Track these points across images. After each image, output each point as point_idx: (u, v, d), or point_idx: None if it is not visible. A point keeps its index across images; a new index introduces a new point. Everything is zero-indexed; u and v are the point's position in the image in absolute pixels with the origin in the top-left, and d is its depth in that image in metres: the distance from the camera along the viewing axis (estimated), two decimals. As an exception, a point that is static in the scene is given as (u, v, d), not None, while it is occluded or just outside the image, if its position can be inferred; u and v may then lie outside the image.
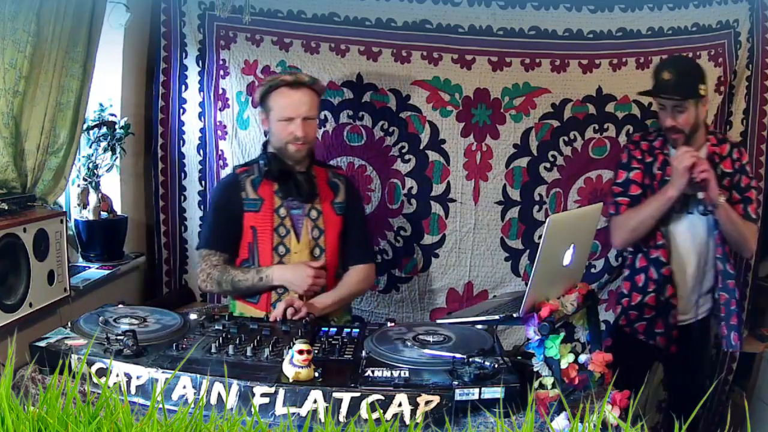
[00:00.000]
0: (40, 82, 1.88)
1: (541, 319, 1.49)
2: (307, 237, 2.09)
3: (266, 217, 2.08)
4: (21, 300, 1.76)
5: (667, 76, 2.11)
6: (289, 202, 2.09)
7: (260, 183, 2.09)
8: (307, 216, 2.10)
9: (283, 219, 2.08)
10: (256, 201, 2.08)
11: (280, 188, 2.08)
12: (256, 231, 2.08)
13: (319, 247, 2.11)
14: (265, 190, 2.09)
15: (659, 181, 2.24)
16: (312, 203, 2.10)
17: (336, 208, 2.14)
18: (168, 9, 2.64)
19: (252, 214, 2.08)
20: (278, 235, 2.08)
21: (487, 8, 2.59)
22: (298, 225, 2.10)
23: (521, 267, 2.74)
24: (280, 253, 2.08)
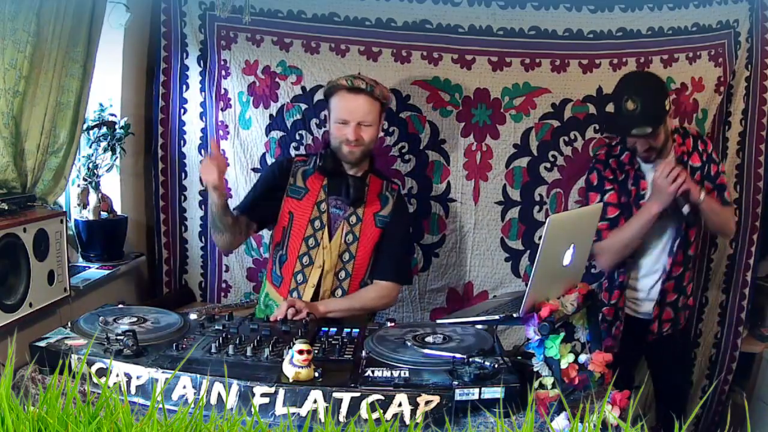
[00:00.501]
0: (40, 82, 1.88)
1: (541, 319, 1.49)
2: (339, 239, 2.10)
3: (306, 207, 2.10)
4: (21, 300, 1.76)
5: (631, 106, 2.02)
6: (332, 199, 2.11)
7: (311, 174, 2.12)
8: (346, 220, 2.10)
9: (321, 213, 2.10)
10: (301, 189, 2.12)
11: (329, 184, 2.11)
12: (293, 217, 2.11)
13: (349, 253, 2.11)
14: (313, 182, 2.12)
15: (634, 197, 2.22)
16: (354, 209, 2.11)
17: (377, 219, 2.13)
18: (168, 9, 2.64)
19: (293, 201, 2.11)
20: (312, 226, 2.10)
21: (487, 8, 2.59)
22: (335, 224, 2.11)
23: (521, 267, 2.74)
24: (309, 245, 2.10)
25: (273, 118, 2.66)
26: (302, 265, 2.10)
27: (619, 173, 2.26)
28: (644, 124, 2.02)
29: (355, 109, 2.02)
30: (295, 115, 2.65)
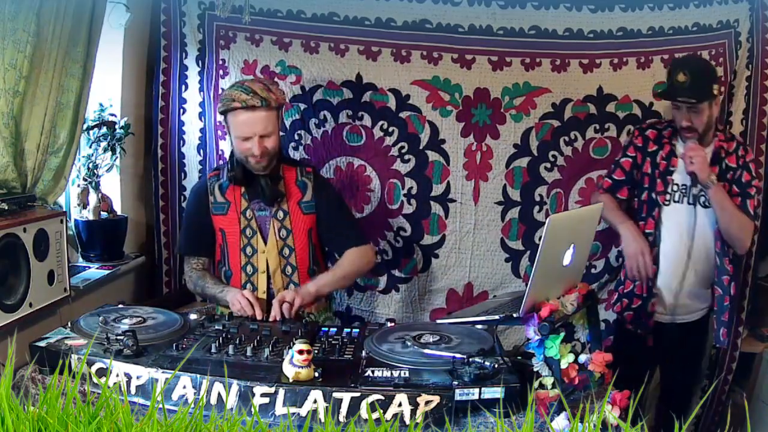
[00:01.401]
0: (40, 82, 1.88)
1: (541, 319, 1.49)
2: (274, 238, 2.12)
3: (233, 220, 2.12)
4: (21, 300, 1.76)
5: (682, 78, 2.15)
6: (254, 203, 2.13)
7: (227, 187, 2.13)
8: (274, 217, 2.13)
9: (249, 221, 2.12)
10: (223, 204, 2.13)
11: (246, 191, 2.12)
12: (225, 233, 2.14)
13: (288, 247, 2.14)
14: (232, 193, 2.13)
15: (663, 170, 2.30)
16: (278, 204, 2.12)
17: (303, 207, 2.15)
18: (168, 9, 2.64)
19: (220, 217, 2.14)
20: (245, 236, 2.12)
21: (487, 8, 2.58)
22: (265, 226, 2.13)
23: (521, 268, 2.74)
24: (247, 254, 2.13)
25: (273, 118, 2.65)
26: (247, 275, 2.14)
27: (653, 144, 2.34)
28: (690, 95, 2.15)
29: (254, 124, 2.00)
30: (294, 115, 2.65)
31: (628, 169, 2.38)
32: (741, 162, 2.25)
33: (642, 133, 2.37)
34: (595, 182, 2.67)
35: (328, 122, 2.66)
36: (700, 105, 2.15)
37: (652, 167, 2.32)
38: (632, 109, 2.63)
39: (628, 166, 2.38)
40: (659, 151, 2.32)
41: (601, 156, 2.66)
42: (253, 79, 2.12)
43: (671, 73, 2.22)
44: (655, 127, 2.38)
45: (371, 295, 2.78)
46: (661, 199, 2.30)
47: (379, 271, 2.75)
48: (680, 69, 2.17)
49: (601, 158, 2.66)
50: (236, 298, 2.00)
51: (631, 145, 2.38)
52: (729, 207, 2.18)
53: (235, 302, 2.00)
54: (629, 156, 2.38)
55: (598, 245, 2.69)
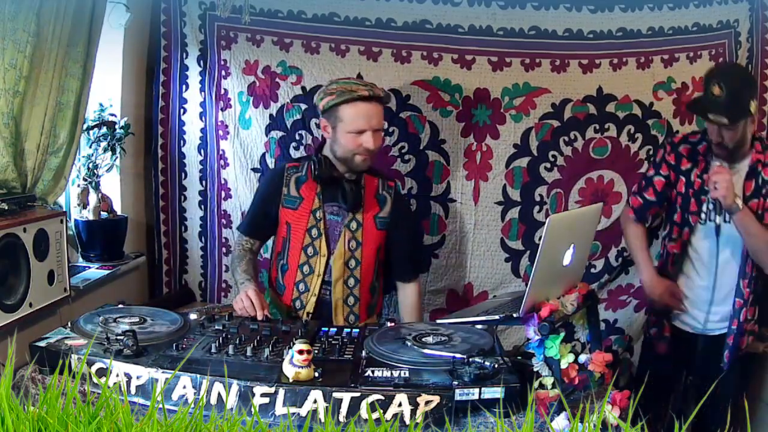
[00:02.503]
0: (40, 82, 1.88)
1: (541, 319, 1.49)
2: (343, 247, 2.08)
3: (302, 216, 2.08)
4: (21, 300, 1.76)
5: (717, 92, 2.00)
6: (328, 206, 2.09)
7: (304, 182, 2.10)
8: (347, 227, 2.09)
9: (318, 221, 2.08)
10: (295, 199, 2.10)
11: (323, 191, 2.08)
12: (290, 227, 2.10)
13: (355, 259, 2.10)
14: (306, 190, 2.09)
15: (698, 189, 2.19)
16: (353, 214, 2.08)
17: (378, 222, 2.11)
18: (168, 9, 2.64)
19: (289, 211, 2.10)
20: (309, 235, 2.08)
21: (487, 8, 2.58)
22: (334, 232, 2.09)
23: (521, 268, 2.74)
24: (308, 254, 2.09)
25: (273, 118, 2.66)
26: (303, 274, 2.11)
27: (687, 161, 2.22)
28: (723, 113, 2.00)
29: (372, 116, 1.99)
30: (295, 115, 2.65)
31: (660, 190, 2.28)
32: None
33: (675, 149, 2.25)
34: (595, 182, 2.68)
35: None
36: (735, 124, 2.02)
37: (686, 186, 2.22)
38: (632, 109, 2.63)
39: (660, 186, 2.27)
40: (694, 169, 2.20)
41: (601, 156, 2.67)
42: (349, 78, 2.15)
43: (707, 83, 2.06)
44: (688, 141, 2.25)
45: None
46: (693, 219, 2.21)
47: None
48: (716, 81, 2.01)
49: (601, 158, 2.67)
50: (240, 296, 1.98)
51: (664, 162, 2.26)
52: (756, 230, 2.06)
53: (238, 301, 1.99)
54: (662, 175, 2.27)
55: (598, 245, 2.69)
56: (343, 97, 1.99)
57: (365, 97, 1.98)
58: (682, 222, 2.25)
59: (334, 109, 2.01)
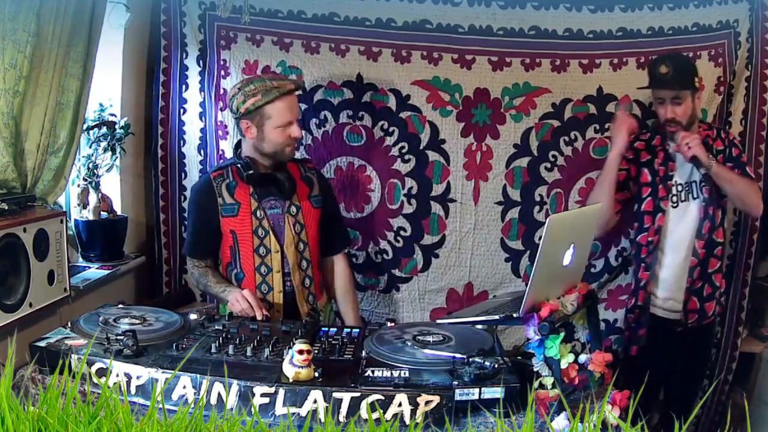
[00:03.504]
0: (40, 82, 1.88)
1: (541, 319, 1.49)
2: (290, 234, 2.12)
3: (245, 221, 2.10)
4: (21, 300, 1.76)
5: (665, 70, 2.24)
6: (265, 202, 2.11)
7: (236, 187, 2.10)
8: (288, 213, 2.13)
9: (261, 221, 2.10)
10: (233, 206, 2.10)
11: (258, 190, 2.10)
12: (236, 235, 2.11)
13: (303, 242, 2.15)
14: (240, 194, 2.10)
15: (662, 176, 2.35)
16: (290, 200, 2.13)
17: (313, 201, 2.19)
18: (168, 9, 2.64)
19: (230, 219, 2.10)
20: (257, 236, 2.10)
21: (487, 8, 2.58)
22: (279, 224, 2.12)
23: (521, 268, 2.74)
24: (261, 254, 2.11)
25: (273, 118, 2.66)
26: (261, 275, 2.12)
27: (645, 154, 2.41)
28: (673, 84, 2.24)
29: (294, 107, 2.07)
30: (295, 115, 2.65)
31: (623, 180, 2.42)
32: (727, 142, 2.35)
33: (630, 145, 2.41)
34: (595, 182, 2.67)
35: (328, 122, 2.66)
36: (683, 94, 2.23)
37: (652, 175, 2.39)
38: (632, 109, 2.63)
39: (622, 177, 2.42)
40: (654, 159, 2.39)
41: (601, 156, 2.66)
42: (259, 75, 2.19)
43: (653, 67, 2.28)
44: (640, 139, 2.44)
45: (371, 295, 2.78)
46: (665, 203, 2.35)
47: (380, 271, 2.75)
48: (662, 62, 2.25)
49: (601, 158, 2.65)
50: (236, 298, 2.00)
51: (623, 159, 2.40)
52: (733, 177, 2.24)
53: (235, 303, 2.00)
54: (623, 169, 2.41)
55: (598, 245, 2.69)
56: (269, 96, 2.01)
57: (289, 90, 2.04)
58: (654, 209, 2.37)
59: (260, 109, 2.02)
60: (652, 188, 2.38)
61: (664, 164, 2.37)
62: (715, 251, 2.35)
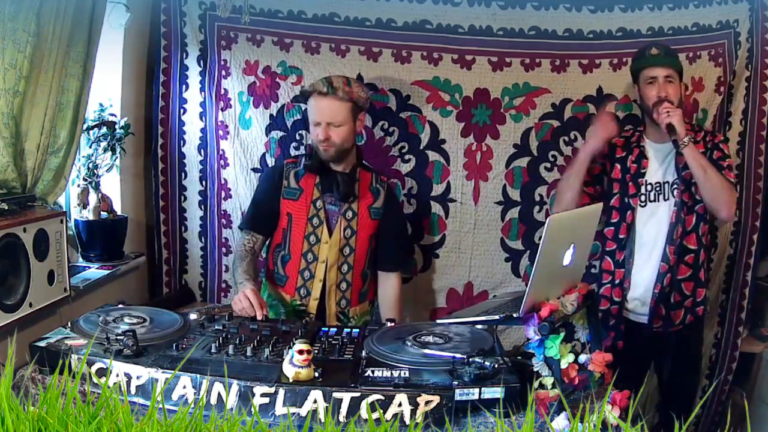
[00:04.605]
0: (40, 82, 1.88)
1: (541, 319, 1.49)
2: (338, 235, 2.19)
3: (302, 206, 2.18)
4: (21, 300, 1.76)
5: (655, 51, 2.25)
6: (326, 196, 2.19)
7: (303, 175, 2.20)
8: (343, 215, 2.20)
9: (318, 211, 2.19)
10: (295, 190, 2.20)
11: (321, 182, 2.19)
12: (291, 218, 2.19)
13: (350, 247, 2.21)
14: (306, 182, 2.20)
15: (634, 173, 2.32)
16: (349, 203, 2.20)
17: (372, 212, 2.23)
18: (168, 9, 2.64)
19: (290, 202, 2.20)
20: (311, 224, 2.18)
21: (487, 8, 2.58)
22: (332, 221, 2.19)
23: (521, 268, 2.74)
24: (311, 242, 2.19)
25: (273, 118, 2.66)
26: (307, 262, 2.19)
27: (620, 150, 2.37)
28: (665, 63, 2.24)
29: (324, 110, 2.11)
30: (295, 115, 2.65)
31: (597, 173, 2.40)
32: (710, 144, 2.28)
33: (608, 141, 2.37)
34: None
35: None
36: (674, 75, 2.23)
37: (623, 172, 2.34)
38: (632, 110, 2.63)
39: (597, 171, 2.40)
40: (628, 156, 2.35)
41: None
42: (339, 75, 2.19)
43: (642, 51, 2.28)
44: (621, 135, 2.40)
45: (371, 295, 2.78)
46: (634, 201, 2.31)
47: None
48: (651, 46, 2.27)
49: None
50: (239, 297, 2.00)
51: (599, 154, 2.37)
52: (706, 164, 2.15)
53: (236, 301, 2.01)
54: (598, 163, 2.39)
55: (598, 245, 2.68)
56: (308, 90, 2.16)
57: (322, 92, 2.10)
58: (621, 206, 2.34)
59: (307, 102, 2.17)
60: (621, 185, 2.34)
61: (637, 161, 2.33)
62: (686, 258, 2.27)
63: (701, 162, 2.15)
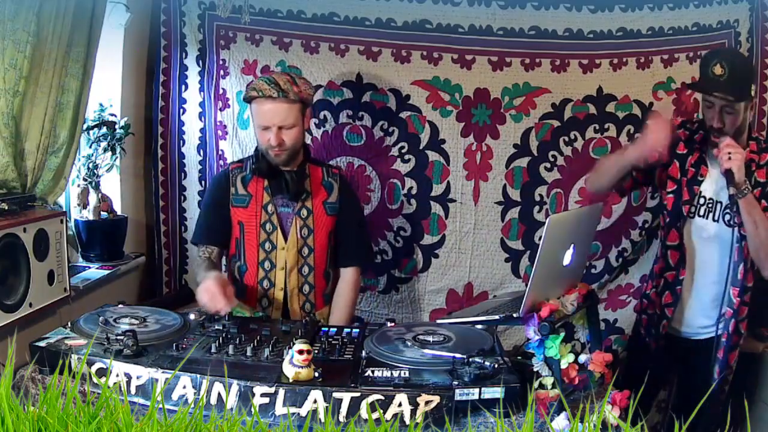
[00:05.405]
0: (40, 82, 1.88)
1: (541, 319, 1.49)
2: (295, 236, 2.10)
3: (253, 213, 2.10)
4: (21, 300, 1.76)
5: (719, 71, 1.90)
6: (277, 199, 2.11)
7: (250, 180, 2.11)
8: (297, 215, 2.11)
9: (270, 215, 2.10)
10: (244, 197, 2.11)
11: (270, 185, 2.10)
12: (243, 226, 2.11)
13: (308, 246, 2.13)
14: (254, 187, 2.11)
15: (691, 177, 2.08)
16: (303, 202, 2.11)
17: (327, 207, 2.15)
18: (168, 9, 2.64)
19: (240, 210, 2.11)
20: (264, 231, 2.10)
21: (487, 8, 2.58)
22: (286, 223, 2.11)
23: (521, 268, 2.74)
24: (266, 249, 2.11)
25: (273, 118, 2.66)
26: (265, 270, 2.11)
27: (683, 146, 2.09)
28: (728, 91, 1.90)
29: (273, 114, 1.99)
30: (295, 115, 2.65)
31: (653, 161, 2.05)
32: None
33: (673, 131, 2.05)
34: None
35: (328, 122, 2.66)
36: (736, 104, 1.91)
37: (681, 173, 2.09)
38: (632, 110, 2.63)
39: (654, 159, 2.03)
40: (688, 156, 2.08)
41: (601, 156, 2.66)
42: (280, 72, 2.09)
43: (705, 64, 1.95)
44: (686, 128, 2.12)
45: (371, 295, 2.78)
46: (686, 209, 2.08)
47: (379, 271, 2.75)
48: (718, 61, 1.91)
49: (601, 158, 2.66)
50: (202, 289, 1.86)
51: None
52: (761, 221, 1.91)
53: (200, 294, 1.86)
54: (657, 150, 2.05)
55: (598, 245, 2.69)
56: (245, 96, 2.06)
57: (271, 96, 1.98)
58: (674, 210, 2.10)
59: (250, 104, 2.06)
60: (677, 186, 2.08)
61: (695, 166, 2.06)
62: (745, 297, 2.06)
63: (755, 216, 1.90)
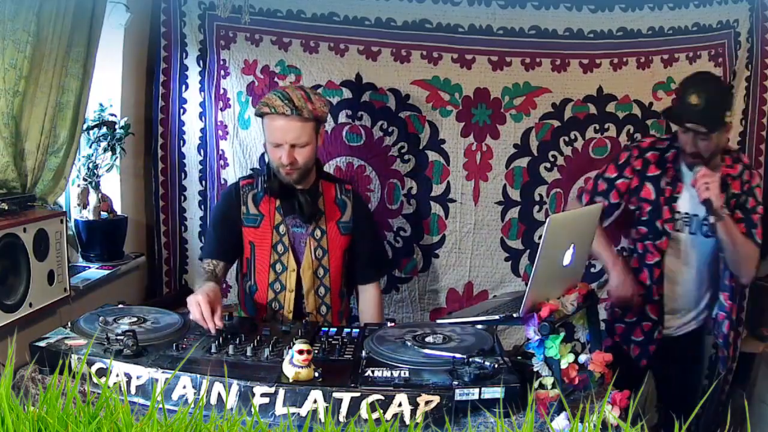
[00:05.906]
0: (40, 82, 1.88)
1: (541, 319, 1.49)
2: (310, 257, 2.05)
3: (265, 234, 2.04)
4: (21, 300, 1.76)
5: (695, 101, 1.97)
6: (290, 219, 2.05)
7: (262, 198, 2.05)
8: (311, 236, 2.06)
9: (282, 236, 2.04)
10: (255, 217, 2.05)
11: (282, 205, 2.04)
12: (254, 246, 2.06)
13: (323, 267, 2.08)
14: (266, 206, 2.05)
15: (668, 197, 2.15)
16: (316, 222, 2.05)
17: (341, 227, 2.09)
18: (168, 9, 2.64)
19: (251, 230, 2.06)
20: (276, 252, 2.05)
21: (487, 8, 2.59)
22: (299, 244, 2.06)
23: (521, 267, 2.74)
24: (277, 271, 2.06)
25: (273, 118, 2.65)
26: (274, 292, 2.07)
27: (655, 168, 2.16)
28: (702, 122, 1.97)
29: (286, 131, 1.92)
30: (295, 115, 2.65)
31: (624, 191, 2.21)
32: (746, 188, 2.12)
33: (642, 154, 2.18)
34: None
35: (327, 122, 2.66)
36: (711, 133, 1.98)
37: (657, 193, 2.16)
38: (632, 110, 2.64)
39: (624, 188, 2.20)
40: (662, 177, 2.15)
41: (600, 156, 2.67)
42: (295, 87, 2.02)
43: (683, 92, 2.03)
44: (656, 148, 2.19)
45: (371, 295, 2.78)
46: (669, 227, 2.15)
47: (379, 271, 2.75)
48: (694, 90, 1.99)
49: (601, 158, 2.66)
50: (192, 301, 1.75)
51: (629, 166, 2.20)
52: (739, 239, 2.01)
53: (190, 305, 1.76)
54: (626, 178, 2.20)
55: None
56: (257, 111, 1.99)
57: (285, 114, 1.91)
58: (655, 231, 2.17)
59: (262, 119, 1.99)
60: (653, 208, 2.16)
61: (672, 184, 2.13)
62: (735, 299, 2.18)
63: (733, 237, 2.00)
